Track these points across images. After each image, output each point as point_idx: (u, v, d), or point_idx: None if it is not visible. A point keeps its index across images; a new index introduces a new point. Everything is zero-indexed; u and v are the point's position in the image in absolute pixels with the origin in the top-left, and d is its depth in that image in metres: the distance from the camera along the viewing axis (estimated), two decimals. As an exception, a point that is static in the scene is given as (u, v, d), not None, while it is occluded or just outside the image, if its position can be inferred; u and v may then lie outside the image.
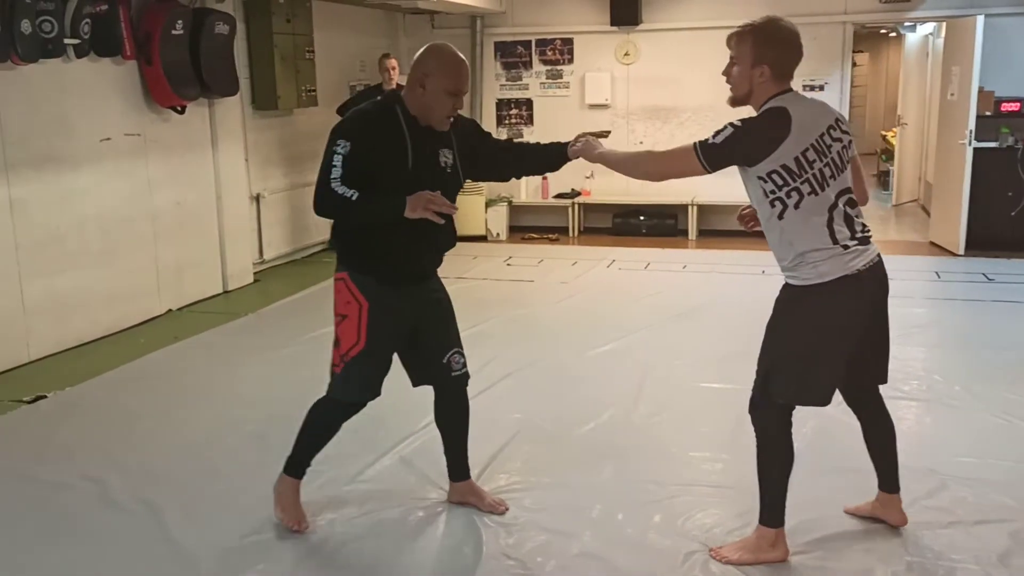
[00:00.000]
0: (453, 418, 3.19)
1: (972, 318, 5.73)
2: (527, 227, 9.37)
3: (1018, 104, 7.85)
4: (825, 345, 2.65)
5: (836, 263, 2.60)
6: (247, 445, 3.88)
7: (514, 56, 9.31)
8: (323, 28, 7.85)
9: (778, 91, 2.67)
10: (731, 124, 2.62)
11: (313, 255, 8.10)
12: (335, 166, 2.73)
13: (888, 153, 12.08)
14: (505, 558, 2.91)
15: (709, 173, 2.67)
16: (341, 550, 2.99)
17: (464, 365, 3.10)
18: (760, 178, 2.61)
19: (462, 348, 3.11)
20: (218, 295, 6.66)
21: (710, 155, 2.62)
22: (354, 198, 2.70)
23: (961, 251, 7.68)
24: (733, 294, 6.50)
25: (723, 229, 8.86)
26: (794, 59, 2.69)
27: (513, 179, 3.33)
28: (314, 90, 7.64)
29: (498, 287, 6.91)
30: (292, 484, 3.11)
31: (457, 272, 7.25)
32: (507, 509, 3.21)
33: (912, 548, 2.89)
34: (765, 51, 2.65)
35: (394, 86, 7.32)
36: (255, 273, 7.16)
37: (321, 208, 2.80)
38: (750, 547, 2.83)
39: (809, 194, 2.58)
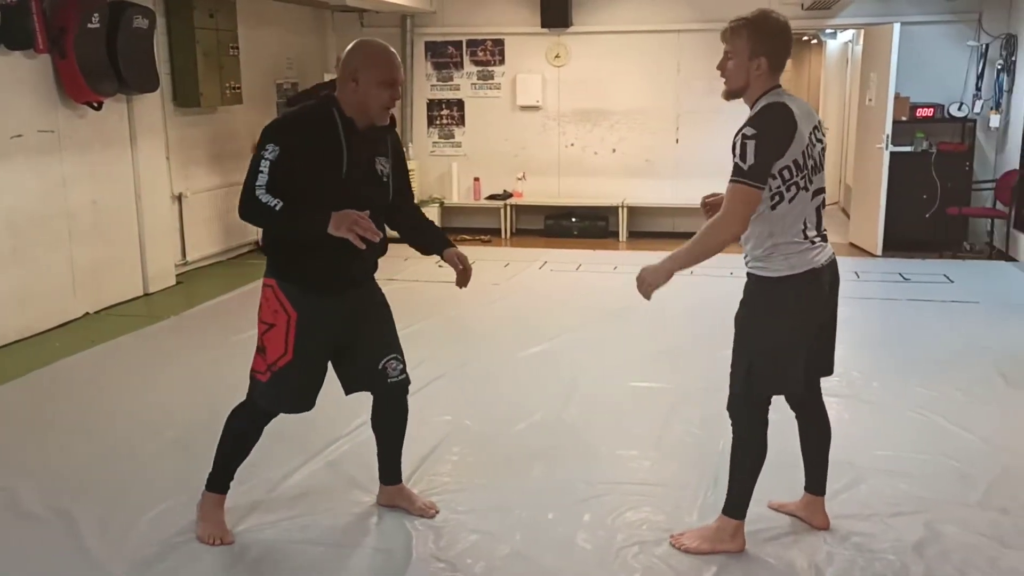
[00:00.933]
0: (390, 424, 3.13)
1: (888, 316, 5.91)
2: (459, 228, 9.33)
3: (932, 110, 8.14)
4: (799, 334, 2.73)
5: (804, 257, 2.68)
6: (164, 452, 3.76)
7: (445, 56, 9.27)
8: (248, 25, 7.70)
9: (773, 84, 2.71)
10: (744, 136, 2.60)
11: (240, 256, 7.92)
12: (261, 172, 2.62)
13: (810, 157, 12.39)
14: (435, 560, 2.88)
15: (762, 191, 2.62)
16: (266, 557, 2.92)
17: (402, 371, 3.02)
18: (771, 176, 2.63)
19: (400, 353, 3.02)
20: (138, 297, 6.46)
21: (757, 176, 2.59)
22: (278, 208, 2.60)
23: (879, 252, 7.92)
24: (661, 295, 6.50)
25: (653, 231, 8.97)
26: (788, 51, 2.74)
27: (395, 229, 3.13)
28: (239, 87, 7.48)
29: (429, 289, 6.84)
30: (216, 500, 3.00)
31: (388, 274, 7.03)
32: (437, 512, 3.17)
33: (831, 539, 2.96)
34: (762, 44, 2.67)
35: None
36: (178, 275, 6.97)
37: (245, 214, 2.71)
38: (709, 536, 2.88)
39: (802, 190, 2.66)
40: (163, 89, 6.73)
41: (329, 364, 2.96)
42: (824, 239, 2.78)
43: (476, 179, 9.28)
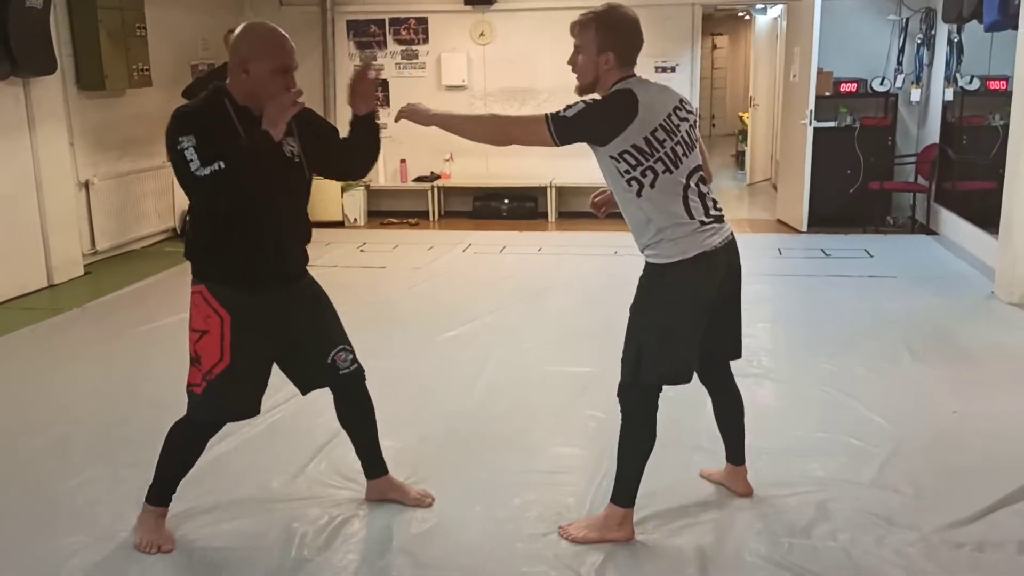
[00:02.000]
0: (356, 416, 3.01)
1: (805, 293, 5.92)
2: (386, 212, 9.17)
3: (855, 84, 8.18)
4: (689, 321, 2.70)
5: (694, 240, 2.65)
6: (46, 452, 3.59)
7: (367, 35, 9.06)
8: (157, 4, 7.42)
9: (622, 76, 2.71)
10: (583, 101, 2.64)
11: (155, 244, 7.68)
12: (190, 160, 2.45)
13: (744, 134, 12.44)
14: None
15: (557, 146, 2.67)
16: (212, 562, 2.76)
17: (353, 361, 2.89)
18: (612, 158, 2.64)
19: (349, 344, 2.90)
20: (42, 289, 6.20)
21: (562, 128, 2.62)
22: (223, 165, 2.44)
23: (804, 228, 7.95)
24: (584, 275, 6.53)
25: (583, 211, 8.83)
26: (637, 45, 2.73)
27: (362, 173, 3.04)
28: (147, 69, 7.21)
29: (349, 274, 6.71)
30: (157, 513, 2.85)
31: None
32: (433, 500, 3.06)
33: (722, 523, 2.92)
34: (609, 39, 2.68)
35: None
36: (87, 265, 6.71)
37: (200, 197, 2.54)
38: (597, 525, 2.85)
39: (663, 172, 2.62)
40: (65, 72, 6.46)
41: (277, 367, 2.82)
42: (718, 220, 2.74)
43: (402, 161, 9.11)
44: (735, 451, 3.11)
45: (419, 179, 9.13)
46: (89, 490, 3.22)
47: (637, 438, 2.79)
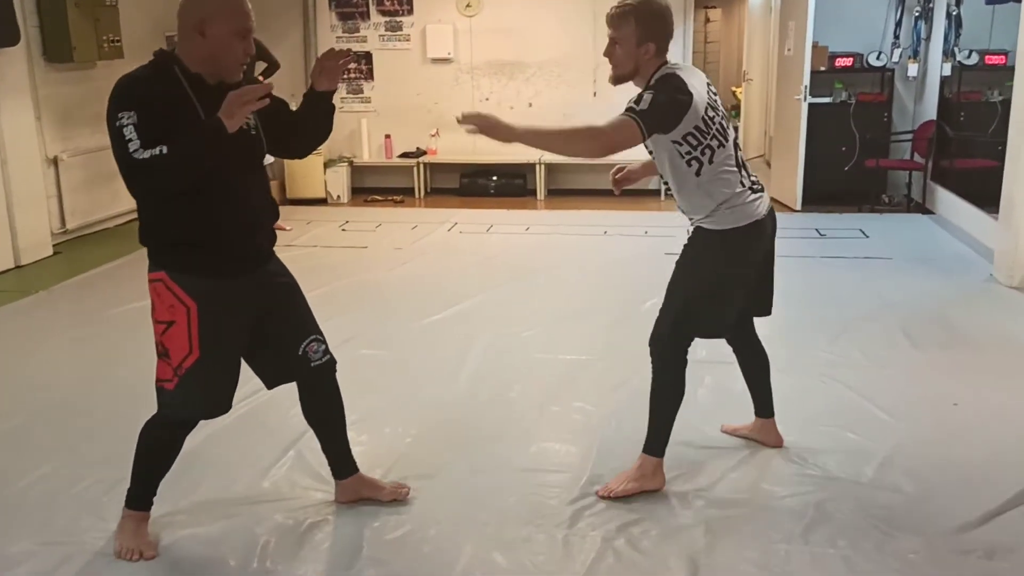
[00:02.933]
0: (324, 411, 2.83)
1: (801, 274, 5.73)
2: (371, 189, 8.95)
3: (851, 59, 7.96)
4: (737, 283, 2.87)
5: (747, 209, 2.78)
6: (6, 442, 3.39)
7: (350, 6, 8.77)
8: (129, -28, 7.13)
9: (659, 64, 2.77)
10: (647, 92, 2.66)
11: (128, 223, 7.42)
12: (129, 139, 2.25)
13: (737, 109, 12.22)
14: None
15: (644, 140, 2.67)
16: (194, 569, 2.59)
17: (325, 352, 2.73)
18: (675, 143, 2.71)
19: (321, 334, 2.73)
20: (8, 270, 5.98)
21: (647, 122, 2.61)
22: (165, 152, 2.24)
23: (798, 206, 7.76)
24: (573, 256, 6.33)
25: (572, 188, 8.70)
26: (672, 33, 2.80)
27: (307, 151, 2.81)
28: (119, 40, 6.95)
29: (329, 254, 6.50)
30: (139, 518, 2.67)
31: (287, 239, 6.79)
32: (408, 491, 2.93)
33: (712, 527, 2.74)
34: (650, 31, 2.72)
35: None
36: (56, 244, 6.49)
37: (136, 183, 2.31)
38: (633, 476, 2.93)
39: (719, 147, 2.74)
40: (30, 43, 6.20)
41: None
42: (760, 187, 2.88)
43: (387, 136, 8.86)
44: (763, 404, 3.24)
45: (404, 155, 8.88)
46: (43, 489, 3.03)
47: (668, 388, 2.91)
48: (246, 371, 2.68)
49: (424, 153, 8.88)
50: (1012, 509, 2.78)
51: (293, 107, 2.72)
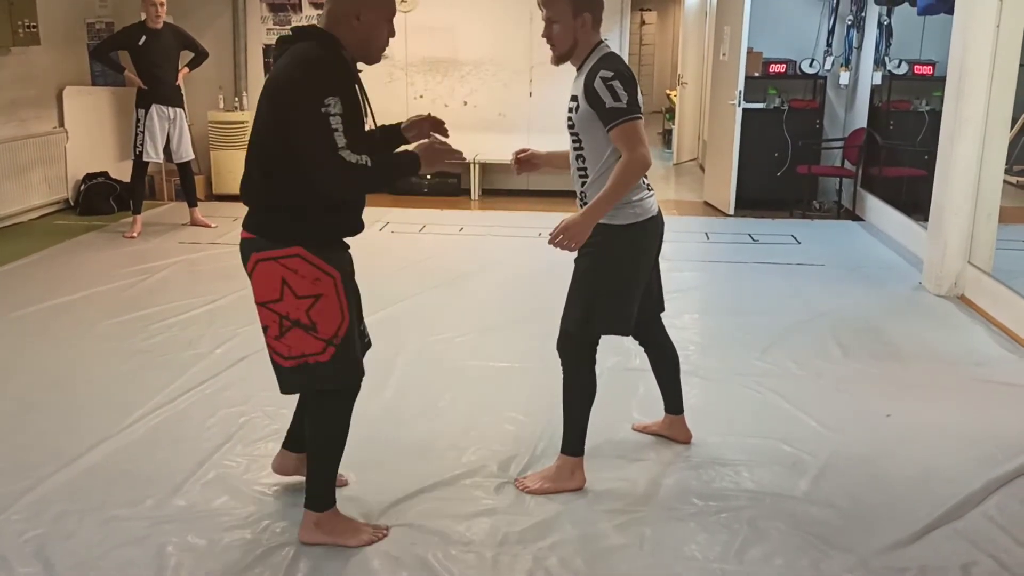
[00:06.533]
0: None
1: (734, 281, 5.73)
2: (301, 185, 8.70)
3: (784, 66, 8.03)
4: (637, 279, 2.90)
5: (645, 205, 2.84)
6: None
7: (281, -2, 8.53)
8: (45, -46, 6.78)
9: (597, 39, 2.81)
10: (604, 79, 2.67)
11: (42, 217, 7.08)
12: (336, 130, 2.26)
13: (672, 112, 12.28)
14: None
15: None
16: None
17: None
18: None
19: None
20: (-91, 267, 5.62)
21: (637, 108, 2.70)
22: (369, 164, 2.30)
23: (731, 211, 7.80)
24: (507, 258, 6.23)
25: (507, 188, 8.60)
26: (603, 4, 2.83)
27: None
28: (35, 26, 6.60)
29: (254, 253, 6.26)
30: (332, 512, 2.64)
31: (209, 237, 6.55)
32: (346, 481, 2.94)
33: (652, 538, 2.66)
34: (582, 1, 2.74)
35: (160, 25, 6.44)
36: (-38, 240, 6.13)
37: (328, 179, 2.32)
38: (551, 476, 2.96)
39: None
40: (-64, 26, 5.83)
41: None
42: (650, 187, 2.94)
43: (319, 132, 8.63)
44: (673, 401, 3.29)
45: (336, 152, 8.66)
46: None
47: (581, 388, 2.93)
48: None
49: (357, 150, 8.67)
50: (943, 526, 2.76)
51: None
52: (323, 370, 2.48)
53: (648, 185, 2.89)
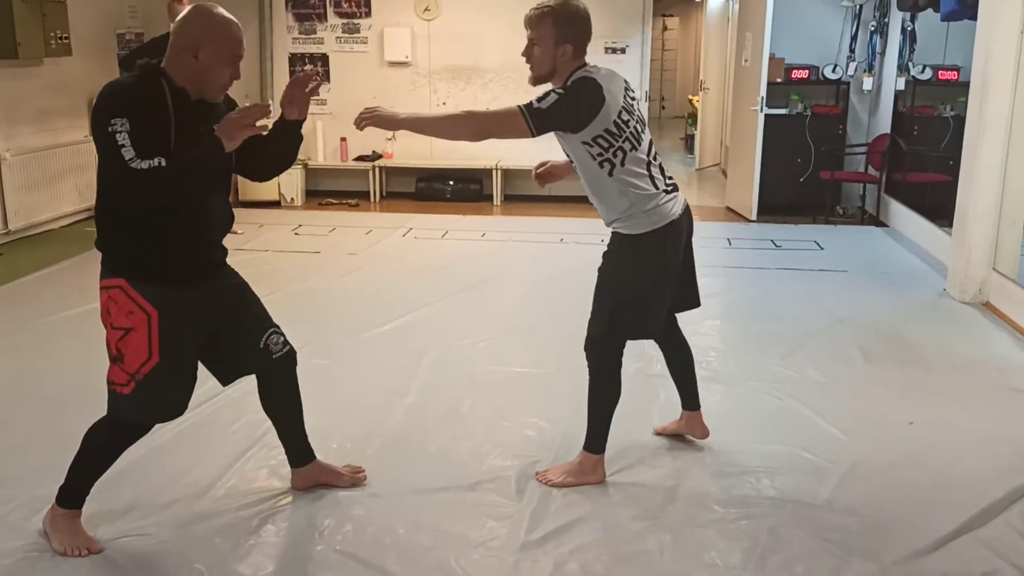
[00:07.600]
0: (284, 401, 2.90)
1: (756, 287, 5.73)
2: (326, 192, 8.80)
3: (807, 72, 8.01)
4: (661, 284, 2.93)
5: (662, 211, 2.84)
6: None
7: (307, 7, 8.63)
8: (77, -34, 6.91)
9: (578, 66, 2.85)
10: (555, 92, 2.76)
11: (73, 224, 7.20)
12: (124, 146, 2.28)
13: (694, 117, 12.27)
14: None
15: (533, 136, 2.76)
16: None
17: (285, 343, 2.82)
18: (586, 144, 2.79)
19: (277, 326, 2.81)
20: (-57, 273, 5.75)
21: (538, 119, 2.72)
22: (163, 164, 2.29)
23: (753, 217, 7.79)
24: (529, 264, 6.26)
25: (529, 194, 8.63)
26: (590, 36, 2.87)
27: (269, 177, 2.84)
28: (67, 37, 6.73)
29: (280, 259, 6.35)
30: (70, 515, 2.66)
31: (237, 243, 6.60)
32: (365, 475, 3.05)
33: (671, 547, 2.68)
34: (567, 32, 2.81)
35: None
36: (-1, 246, 6.26)
37: (129, 193, 2.31)
38: (572, 471, 3.04)
39: (631, 151, 2.81)
40: (-29, 38, 5.96)
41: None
42: (674, 188, 2.95)
43: (343, 139, 8.72)
44: (690, 397, 3.33)
45: (360, 158, 8.76)
46: (-35, 512, 2.87)
47: (604, 389, 2.99)
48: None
49: (380, 156, 8.76)
50: (965, 534, 2.75)
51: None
52: (125, 402, 2.53)
53: (668, 188, 2.90)
